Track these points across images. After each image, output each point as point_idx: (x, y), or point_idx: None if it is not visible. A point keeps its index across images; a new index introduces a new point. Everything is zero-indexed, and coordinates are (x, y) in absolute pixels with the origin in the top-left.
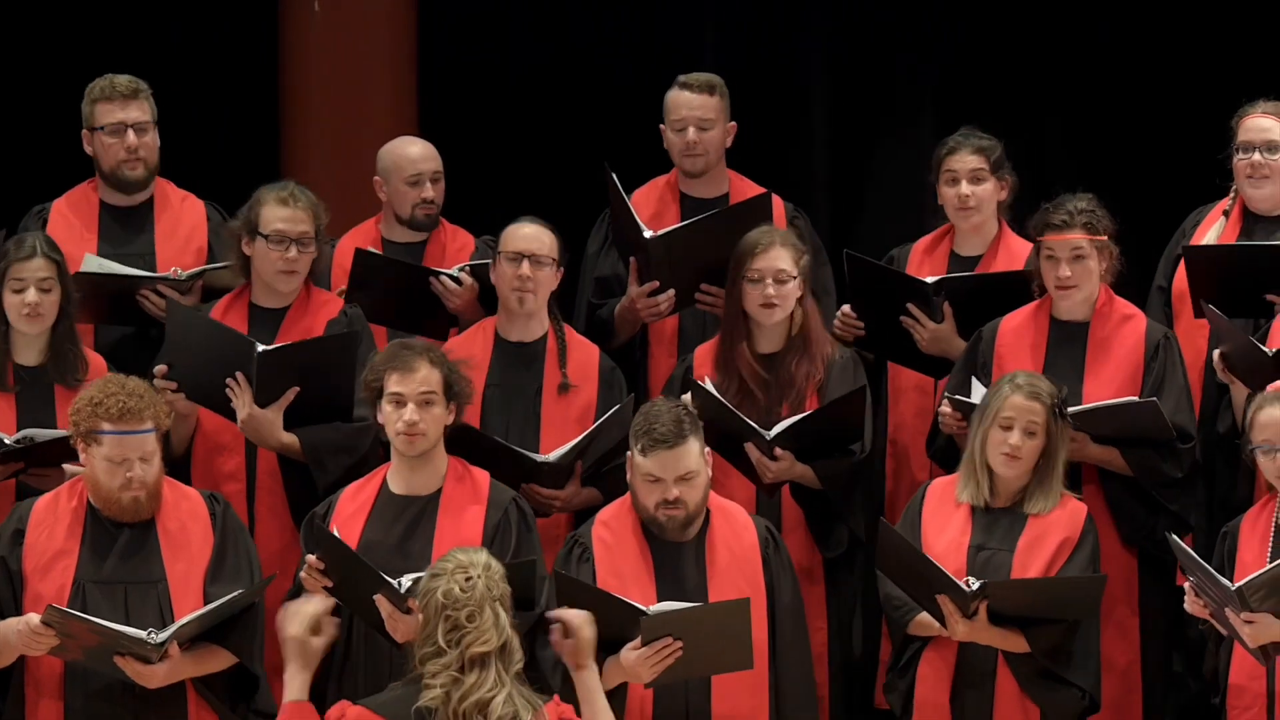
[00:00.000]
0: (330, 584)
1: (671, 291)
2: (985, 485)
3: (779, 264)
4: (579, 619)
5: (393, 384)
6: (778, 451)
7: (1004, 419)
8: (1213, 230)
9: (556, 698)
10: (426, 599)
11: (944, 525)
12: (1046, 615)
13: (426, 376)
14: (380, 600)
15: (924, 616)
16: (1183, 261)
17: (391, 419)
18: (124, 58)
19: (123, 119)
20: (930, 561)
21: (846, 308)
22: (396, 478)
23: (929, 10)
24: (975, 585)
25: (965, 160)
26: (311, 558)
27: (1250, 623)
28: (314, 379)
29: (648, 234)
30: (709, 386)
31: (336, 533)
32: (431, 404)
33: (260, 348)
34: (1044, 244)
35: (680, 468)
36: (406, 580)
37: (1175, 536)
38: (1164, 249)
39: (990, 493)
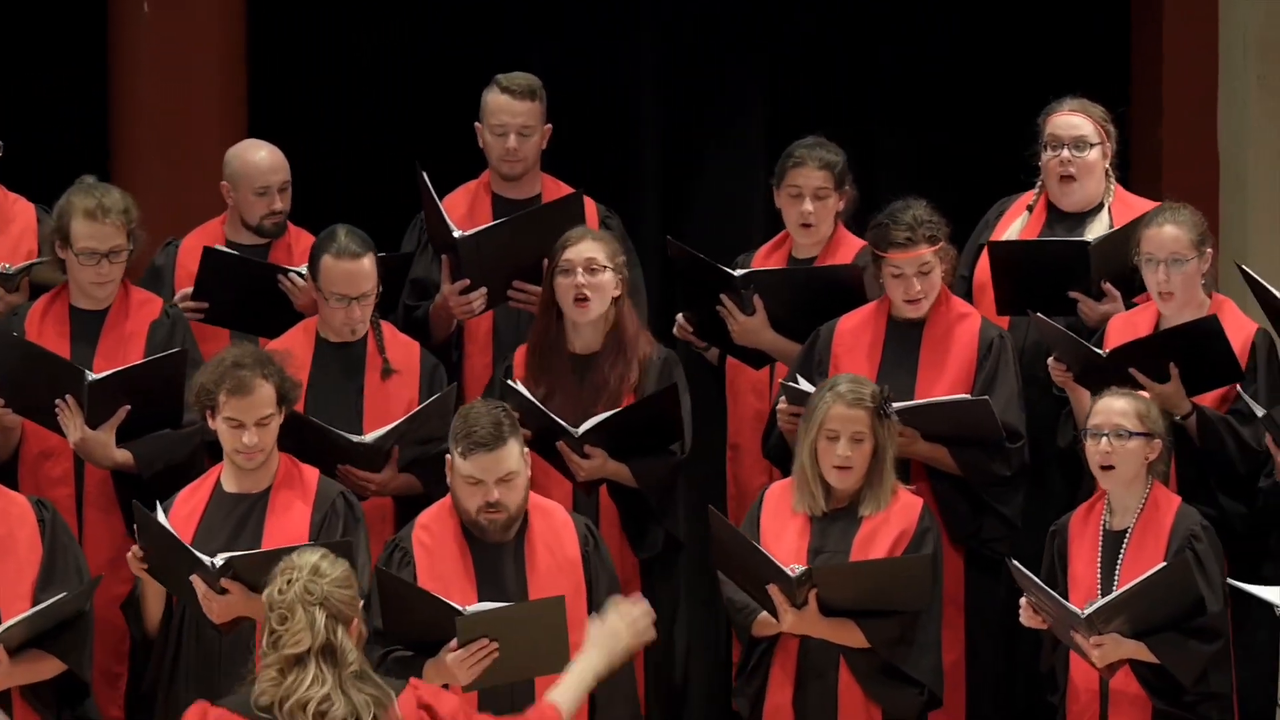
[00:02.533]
0: (148, 567)
1: (484, 290)
2: (820, 495)
3: (588, 253)
4: None
5: (229, 409)
6: (588, 449)
7: (829, 430)
8: (1015, 225)
9: (414, 680)
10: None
11: (782, 530)
12: (879, 605)
13: (262, 397)
14: (195, 580)
15: (765, 615)
16: (985, 252)
17: (228, 438)
18: None
19: None
20: (756, 548)
21: (680, 317)
22: (229, 477)
23: (757, 12)
24: (799, 570)
25: (810, 177)
26: (135, 547)
27: (1099, 645)
28: (144, 396)
29: (457, 234)
30: (519, 387)
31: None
32: (268, 424)
33: (90, 377)
34: (889, 261)
35: (500, 469)
36: (220, 559)
37: (1017, 563)
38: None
39: (825, 500)
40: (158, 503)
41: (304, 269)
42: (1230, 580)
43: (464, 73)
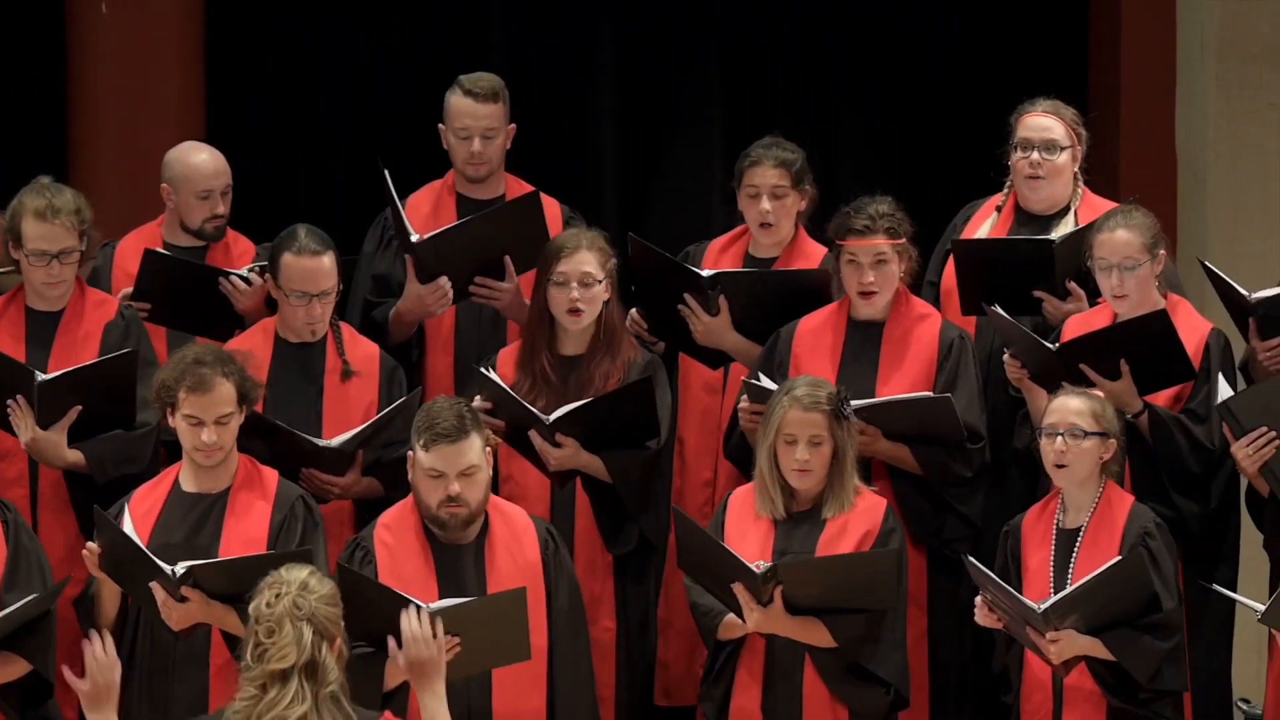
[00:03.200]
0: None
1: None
2: (780, 500)
3: (584, 267)
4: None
5: (188, 406)
6: (560, 438)
7: (787, 434)
8: (984, 226)
9: (388, 714)
10: (249, 614)
11: (746, 534)
12: (846, 603)
13: (222, 395)
14: (155, 587)
15: (731, 617)
16: (951, 256)
17: (187, 436)
18: None
19: None
20: (720, 545)
21: (634, 312)
22: (188, 476)
23: (717, 10)
24: (764, 567)
25: (766, 175)
26: (91, 544)
27: (1055, 641)
28: (95, 397)
29: (415, 237)
30: (493, 375)
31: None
32: (227, 423)
33: (40, 377)
34: (846, 249)
35: (462, 462)
36: (181, 567)
37: (973, 560)
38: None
39: (787, 503)
40: (124, 505)
41: (246, 271)
42: (1216, 587)
43: (425, 71)
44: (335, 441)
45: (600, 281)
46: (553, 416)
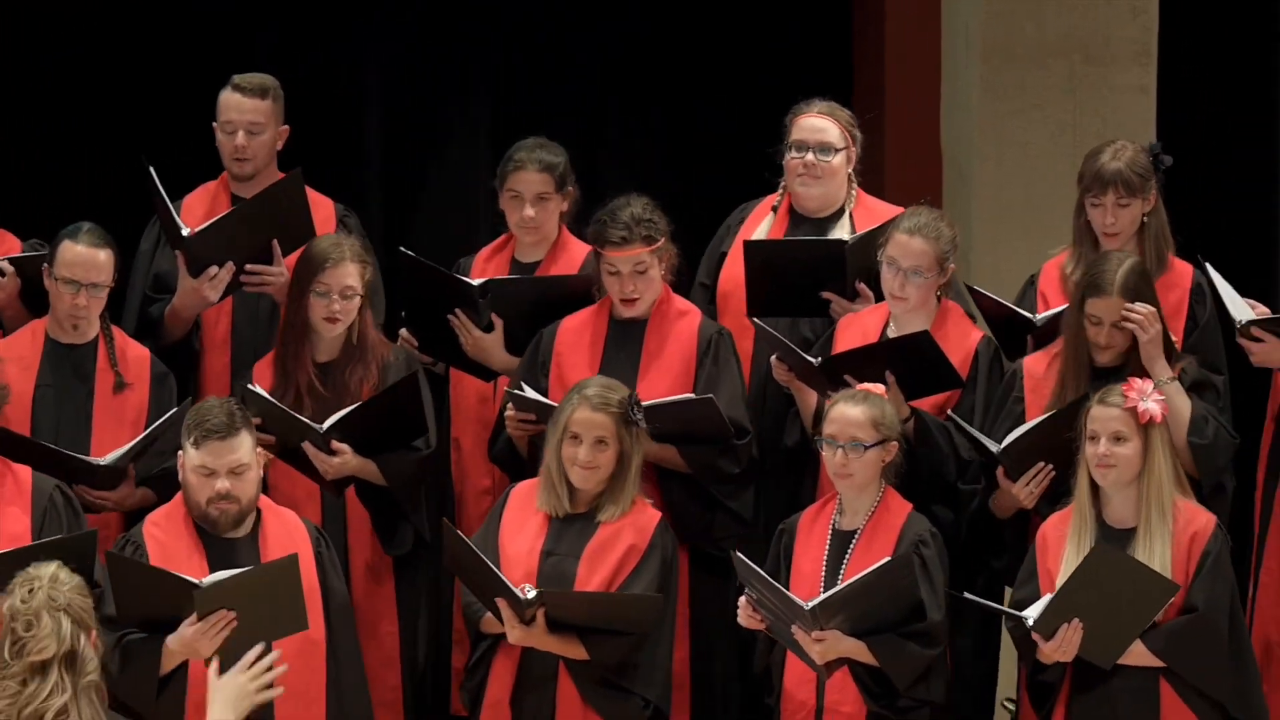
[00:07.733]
0: None
1: (229, 265)
2: (565, 496)
3: (347, 280)
4: None
5: None
6: (335, 445)
7: (572, 431)
8: (760, 227)
9: None
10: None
11: (520, 529)
12: (607, 626)
13: None
14: None
15: (491, 615)
16: (731, 256)
17: None
18: None
19: None
20: (486, 566)
21: (403, 331)
22: None
23: (482, 11)
24: (532, 594)
25: (530, 181)
26: None
27: (820, 640)
28: None
29: (185, 232)
30: (259, 390)
31: None
32: None
33: None
34: (605, 258)
35: (232, 459)
36: None
37: (741, 555)
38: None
39: (570, 501)
40: None
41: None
42: (970, 596)
43: (199, 72)
44: (108, 459)
45: (360, 294)
46: (325, 425)
